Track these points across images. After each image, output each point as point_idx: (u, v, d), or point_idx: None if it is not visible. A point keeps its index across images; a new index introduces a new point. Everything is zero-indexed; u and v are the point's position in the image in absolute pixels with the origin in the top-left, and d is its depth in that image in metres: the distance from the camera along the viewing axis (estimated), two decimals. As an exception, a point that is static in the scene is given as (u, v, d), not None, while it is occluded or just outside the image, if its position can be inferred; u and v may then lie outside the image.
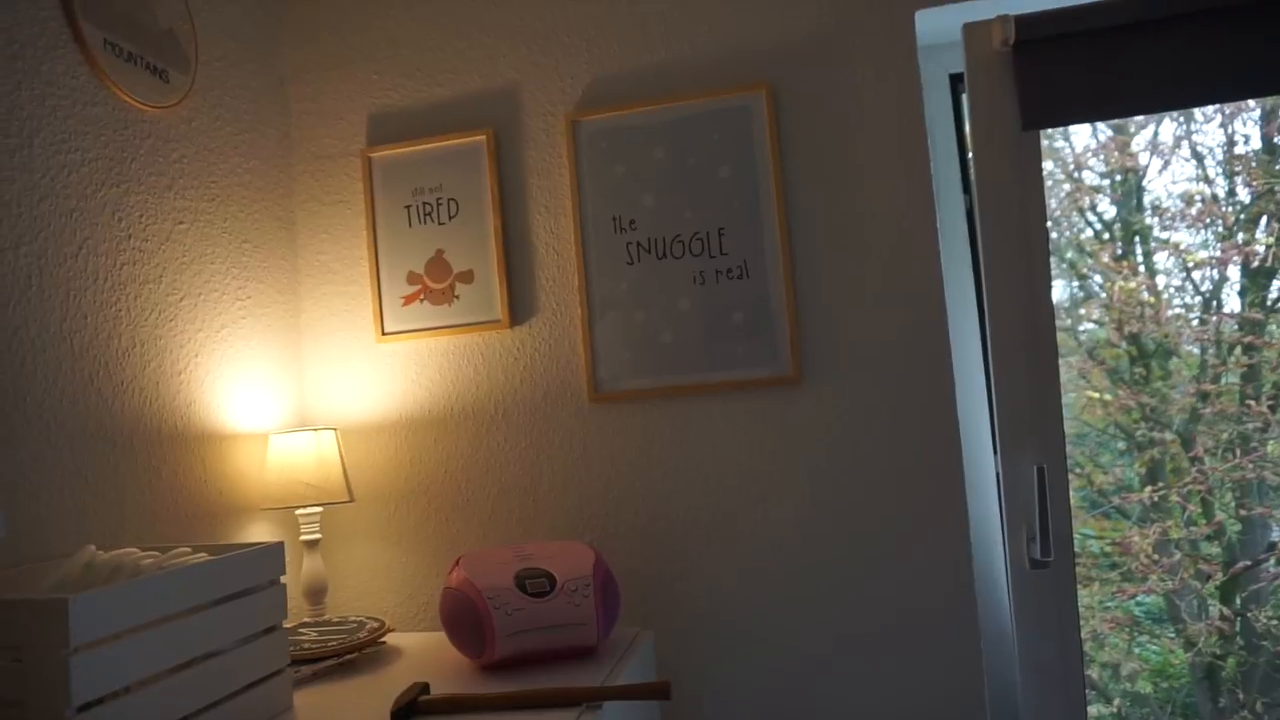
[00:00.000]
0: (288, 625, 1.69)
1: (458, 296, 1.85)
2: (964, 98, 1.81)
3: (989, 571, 1.78)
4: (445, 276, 1.86)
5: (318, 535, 1.74)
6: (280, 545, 1.34)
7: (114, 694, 1.04)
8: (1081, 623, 1.69)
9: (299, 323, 1.95)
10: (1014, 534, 1.64)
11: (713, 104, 1.74)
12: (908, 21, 1.67)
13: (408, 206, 1.88)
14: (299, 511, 1.73)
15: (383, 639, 1.62)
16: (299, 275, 1.96)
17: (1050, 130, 2.01)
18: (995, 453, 1.77)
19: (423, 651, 1.59)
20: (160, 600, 1.10)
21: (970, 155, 1.66)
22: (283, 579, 1.34)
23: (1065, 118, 1.54)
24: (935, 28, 1.73)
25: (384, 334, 1.88)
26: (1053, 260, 1.74)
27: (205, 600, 1.19)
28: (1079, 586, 1.67)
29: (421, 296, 1.87)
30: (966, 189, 1.80)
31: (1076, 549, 2.08)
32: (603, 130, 1.79)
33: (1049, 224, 1.71)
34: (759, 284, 1.71)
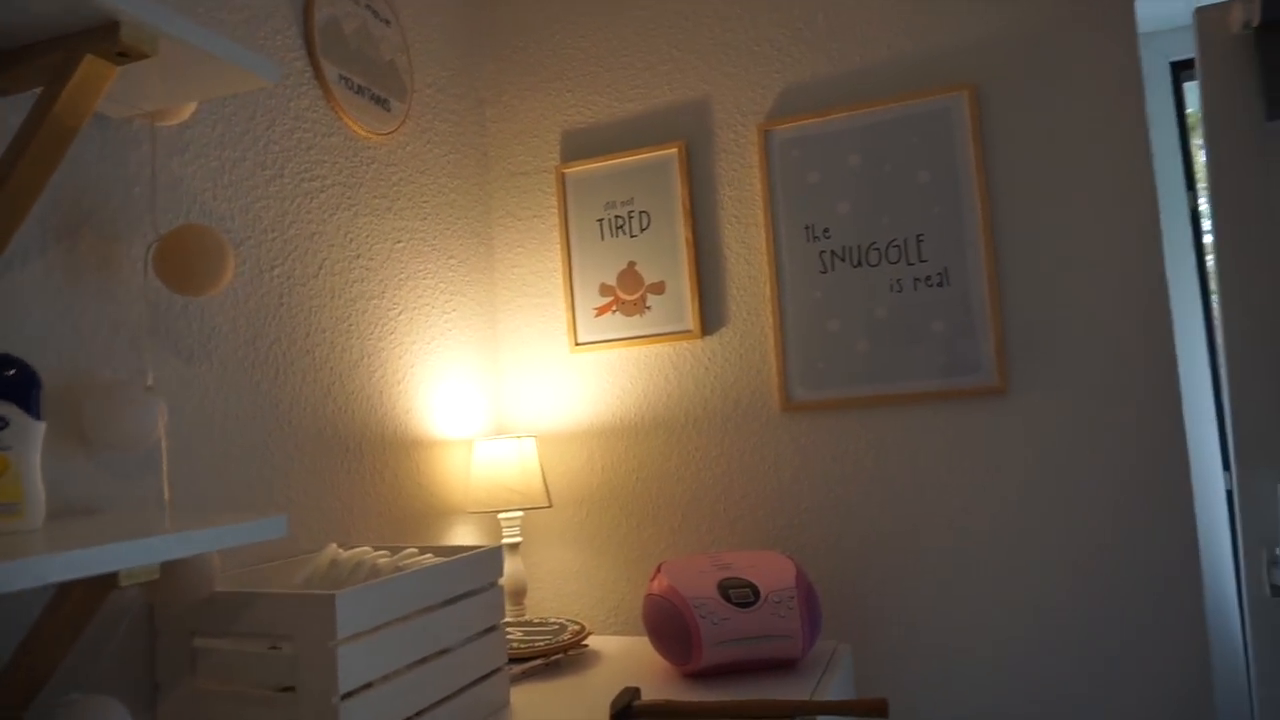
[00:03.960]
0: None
1: (649, 307, 1.88)
2: (1186, 87, 1.69)
3: (1218, 596, 1.65)
4: (637, 288, 1.90)
5: (519, 538, 1.81)
6: (499, 549, 1.40)
7: (365, 685, 1.12)
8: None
9: (496, 334, 2.04)
10: (1250, 557, 1.51)
11: (911, 107, 1.69)
12: (1127, 9, 1.57)
13: (600, 220, 1.94)
14: (501, 515, 1.81)
15: (584, 641, 1.67)
16: (496, 288, 2.05)
17: None
18: (1226, 468, 1.64)
19: (623, 655, 1.63)
20: (405, 599, 1.18)
21: (1201, 149, 1.55)
22: (500, 581, 1.41)
23: (1317, 106, 1.41)
24: (1155, 14, 1.63)
25: (577, 344, 1.95)
26: None
27: (438, 600, 1.26)
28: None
29: (614, 307, 1.91)
30: (1190, 185, 1.68)
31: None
32: (795, 139, 1.78)
33: None
34: (961, 291, 1.66)
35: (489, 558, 1.38)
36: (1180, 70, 1.68)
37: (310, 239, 1.49)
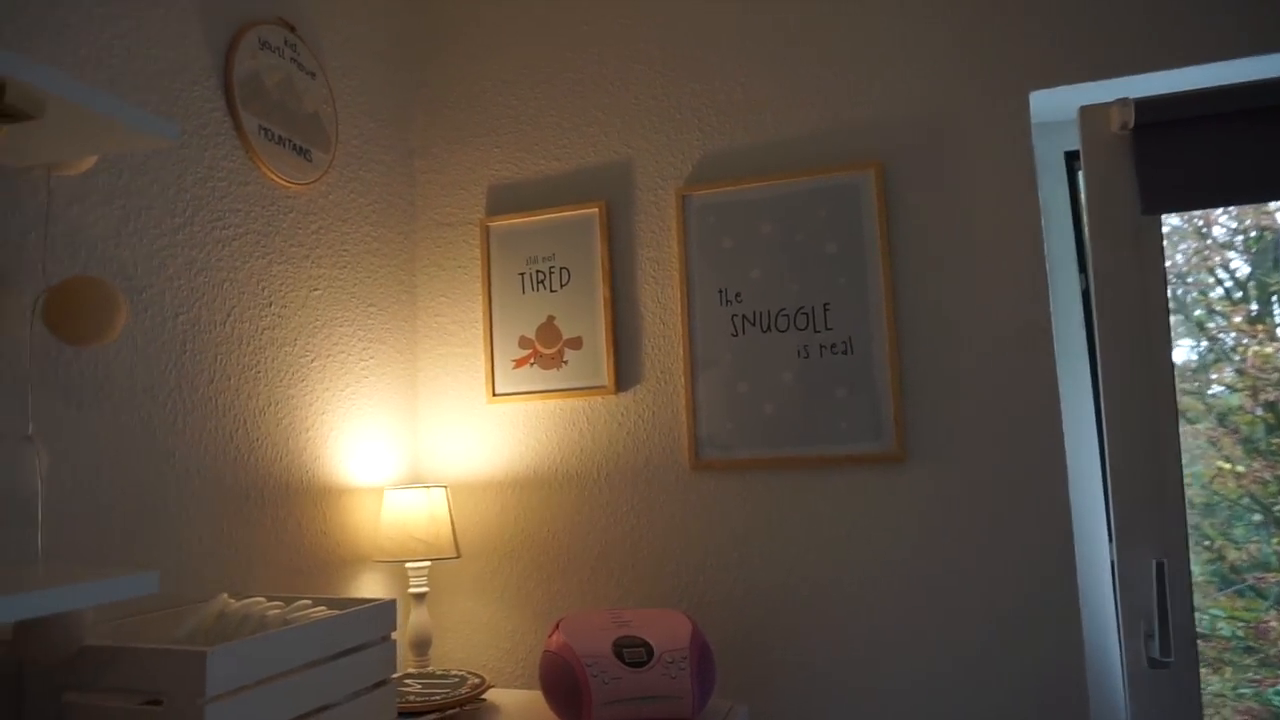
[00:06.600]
0: (394, 677, 1.75)
1: (566, 362, 1.91)
2: (1080, 177, 1.78)
3: (1104, 667, 1.70)
4: (555, 342, 1.93)
5: (425, 589, 1.81)
6: (393, 603, 1.40)
7: (240, 742, 1.11)
8: (1212, 712, 1.59)
9: (415, 382, 2.05)
10: (1130, 630, 1.57)
11: (821, 181, 1.76)
12: (1022, 102, 1.66)
13: (522, 274, 1.97)
14: (408, 565, 1.80)
15: (483, 695, 1.66)
16: (417, 337, 2.07)
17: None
18: (1110, 540, 1.71)
19: (521, 711, 1.63)
20: (286, 654, 1.18)
21: (1087, 236, 1.63)
22: (393, 635, 1.41)
23: (1187, 203, 1.50)
24: (1050, 106, 1.72)
25: (495, 395, 1.96)
26: (1179, 318, 1.69)
27: (324, 654, 1.26)
28: (1208, 671, 1.57)
29: (532, 360, 1.94)
30: (1082, 268, 1.76)
31: (1205, 630, 1.96)
32: (712, 205, 1.84)
33: (1173, 280, 1.66)
34: (863, 360, 1.71)
35: (382, 611, 1.38)
36: (1073, 160, 1.77)
37: (219, 286, 1.50)
